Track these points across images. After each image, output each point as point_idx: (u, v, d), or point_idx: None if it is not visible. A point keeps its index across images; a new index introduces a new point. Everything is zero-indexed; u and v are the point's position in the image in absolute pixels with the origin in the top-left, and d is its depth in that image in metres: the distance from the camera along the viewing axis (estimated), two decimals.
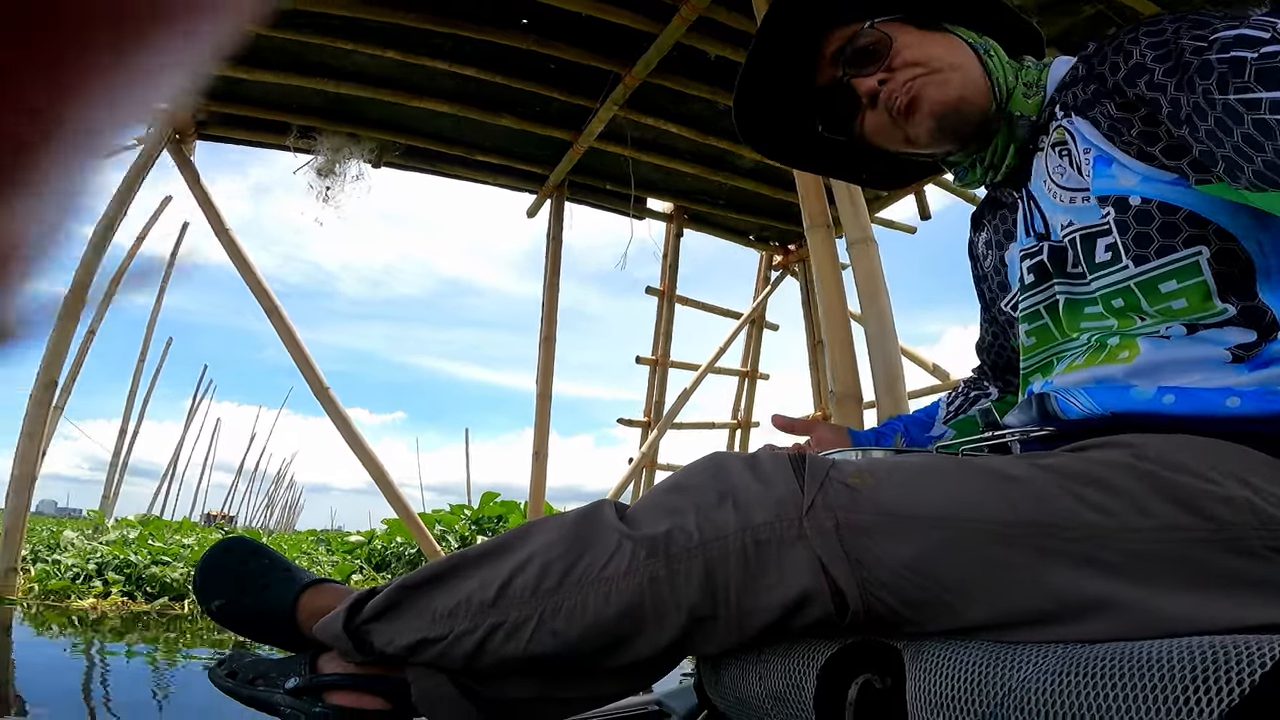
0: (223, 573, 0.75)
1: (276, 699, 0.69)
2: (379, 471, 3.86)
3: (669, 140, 3.70)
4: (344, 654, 0.68)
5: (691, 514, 0.57)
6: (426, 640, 0.62)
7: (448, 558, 0.66)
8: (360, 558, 5.81)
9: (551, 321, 4.08)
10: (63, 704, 1.84)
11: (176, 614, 3.78)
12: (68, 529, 5.52)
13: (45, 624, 3.16)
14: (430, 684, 0.64)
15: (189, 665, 2.59)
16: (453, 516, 6.35)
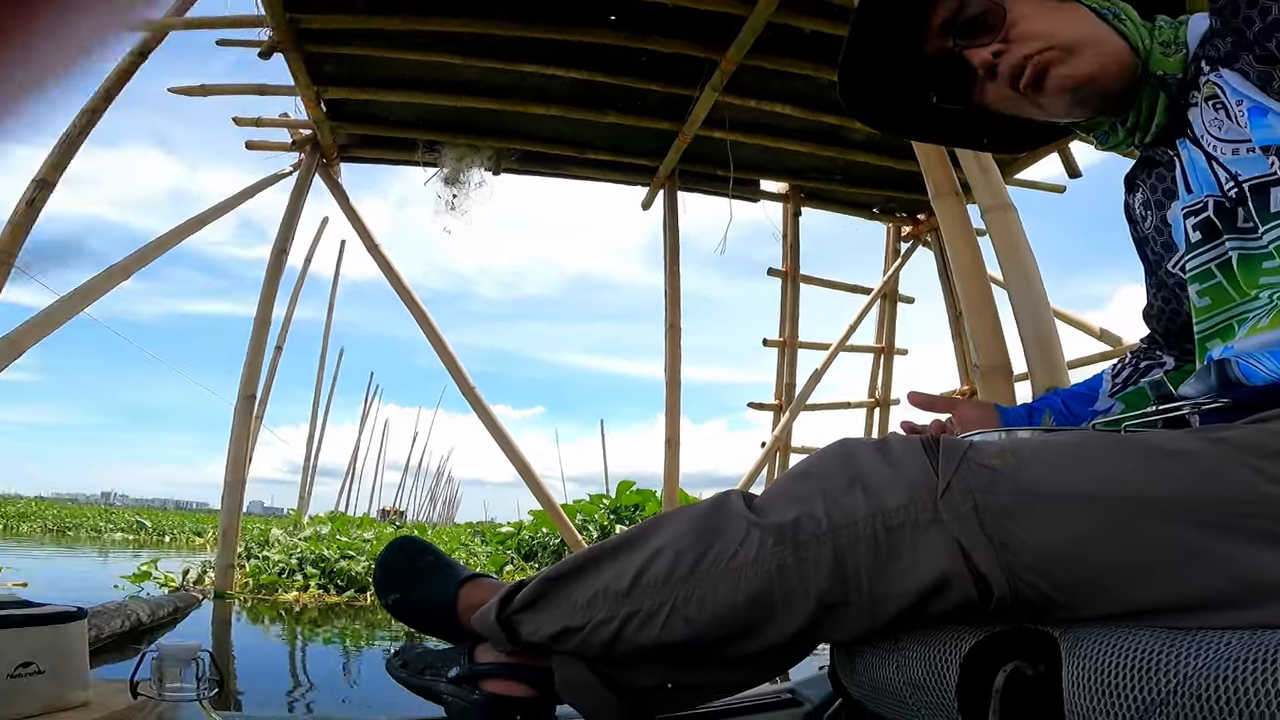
0: (396, 570, 0.83)
1: (440, 688, 0.77)
2: (523, 465, 4.12)
3: (775, 120, 3.63)
4: (496, 644, 0.73)
5: (819, 501, 0.57)
6: (568, 629, 0.66)
7: (587, 550, 0.70)
8: (511, 548, 6.21)
9: (675, 309, 4.12)
10: (274, 689, 2.13)
11: (361, 605, 4.25)
12: (275, 527, 6.37)
13: (259, 616, 3.64)
14: (571, 671, 0.69)
15: (373, 653, 2.91)
16: (592, 506, 6.61)
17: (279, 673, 2.39)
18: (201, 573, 4.32)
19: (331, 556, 4.67)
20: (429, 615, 0.82)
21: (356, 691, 2.24)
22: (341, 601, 4.28)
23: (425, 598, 0.81)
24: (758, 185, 4.31)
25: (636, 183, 4.17)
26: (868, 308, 4.72)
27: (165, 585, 3.98)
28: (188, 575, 4.28)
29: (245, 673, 2.26)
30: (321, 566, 4.58)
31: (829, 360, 4.57)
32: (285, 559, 4.60)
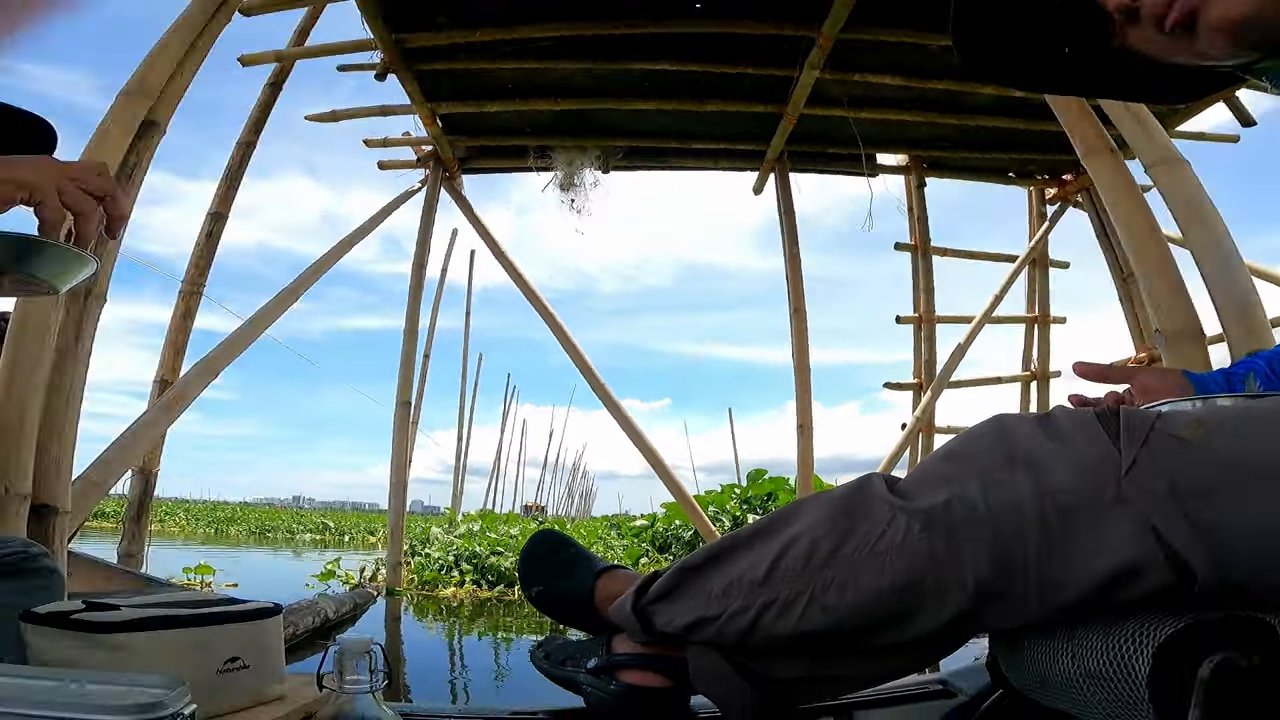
0: (538, 563, 0.86)
1: (580, 678, 0.78)
2: (655, 457, 4.19)
3: (885, 92, 3.47)
4: (633, 634, 0.74)
5: (974, 482, 0.53)
6: (703, 619, 0.65)
7: (721, 539, 0.69)
8: (645, 541, 6.34)
9: (798, 293, 4.02)
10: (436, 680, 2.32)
11: (510, 600, 4.51)
12: (434, 525, 6.91)
13: (423, 611, 3.96)
14: (706, 661, 0.68)
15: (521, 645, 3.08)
16: (724, 496, 6.58)
17: (440, 665, 2.58)
18: (375, 570, 4.77)
19: (482, 553, 4.99)
20: (569, 607, 0.84)
21: (506, 683, 2.39)
22: (493, 596, 4.56)
23: (565, 590, 0.83)
24: (874, 160, 4.11)
25: (745, 168, 4.10)
26: (1014, 275, 4.34)
27: (346, 583, 4.43)
28: (364, 573, 4.75)
29: (413, 665, 2.46)
30: (474, 563, 4.90)
31: (973, 334, 4.26)
32: (444, 555, 4.97)
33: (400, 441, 4.23)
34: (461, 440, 12.13)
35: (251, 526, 14.40)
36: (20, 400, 1.49)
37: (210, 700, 0.65)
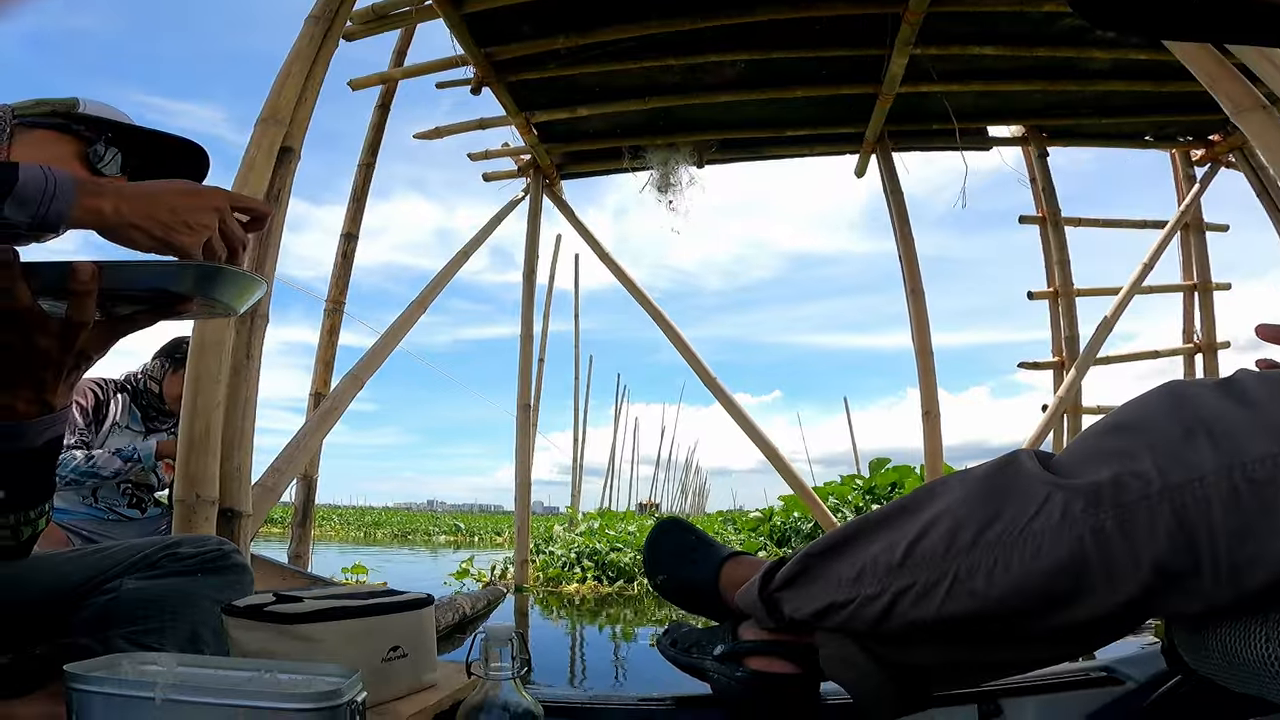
0: (662, 550, 0.88)
1: (706, 665, 0.79)
2: (770, 450, 4.13)
3: (988, 63, 3.25)
4: (759, 621, 0.74)
5: (1145, 455, 0.50)
6: (832, 605, 0.64)
7: (849, 524, 0.67)
8: (763, 534, 6.24)
9: (914, 274, 3.83)
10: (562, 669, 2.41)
11: (630, 595, 4.60)
12: (556, 524, 7.19)
13: (549, 606, 4.11)
14: (836, 648, 0.67)
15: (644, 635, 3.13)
16: (844, 487, 6.37)
17: (567, 656, 2.69)
18: (504, 568, 5.04)
19: (602, 549, 5.13)
20: (694, 593, 0.84)
21: (631, 672, 2.44)
22: (613, 591, 4.68)
23: (690, 576, 0.84)
24: (985, 133, 3.85)
25: (844, 151, 3.97)
26: (1165, 242, 3.93)
27: (478, 580, 4.71)
28: (494, 571, 5.02)
29: (541, 657, 2.58)
30: (595, 559, 5.05)
31: (1121, 306, 3.88)
32: (566, 553, 5.16)
33: (523, 444, 4.42)
34: (577, 441, 12.50)
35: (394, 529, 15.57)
36: (205, 414, 1.67)
37: (377, 687, 0.70)
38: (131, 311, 0.67)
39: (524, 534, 4.51)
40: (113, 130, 0.81)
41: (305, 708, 0.52)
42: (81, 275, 0.60)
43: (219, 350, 1.71)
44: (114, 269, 0.61)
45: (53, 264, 0.61)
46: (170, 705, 0.50)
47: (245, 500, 1.80)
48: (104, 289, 0.61)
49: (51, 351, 0.65)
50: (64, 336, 0.64)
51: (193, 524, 1.64)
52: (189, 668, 0.57)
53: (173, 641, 0.74)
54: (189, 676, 0.54)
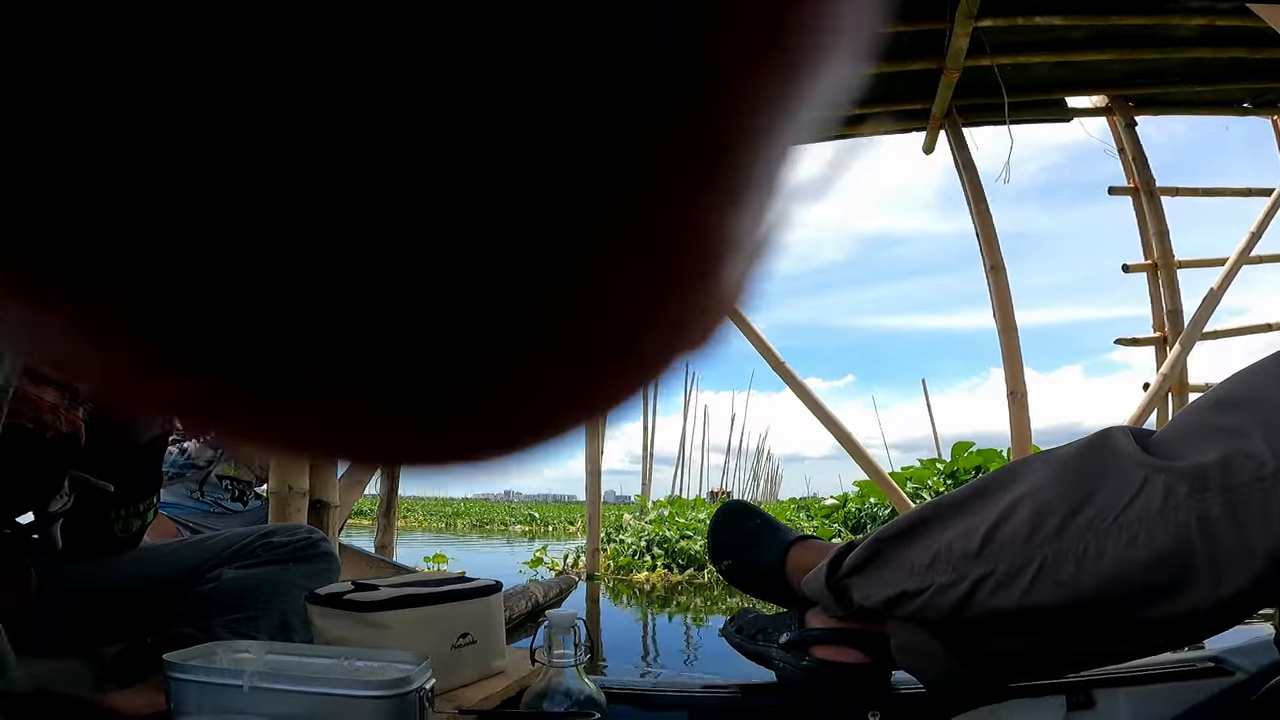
0: (727, 535, 0.86)
1: (771, 653, 0.77)
2: (844, 435, 4.04)
3: (1060, 34, 3.08)
4: (827, 608, 0.72)
5: (1257, 433, 0.46)
6: (905, 593, 0.62)
7: (922, 508, 0.65)
8: (837, 521, 6.11)
9: (993, 250, 3.64)
10: (631, 658, 2.44)
11: (700, 583, 4.60)
12: (625, 513, 7.28)
13: (619, 595, 4.18)
14: (909, 637, 0.64)
15: (713, 624, 3.14)
16: (925, 471, 6.15)
17: (635, 643, 2.73)
18: (576, 557, 5.15)
19: (672, 537, 5.16)
20: (759, 579, 0.83)
21: (698, 660, 2.46)
22: (683, 579, 4.70)
23: (755, 561, 0.82)
24: (1063, 104, 3.64)
25: (910, 128, 3.82)
26: (1273, 209, 3.62)
27: (551, 569, 4.83)
28: (566, 559, 5.14)
29: (610, 644, 2.62)
30: (665, 547, 5.09)
31: (1228, 277, 3.62)
32: (636, 541, 5.22)
33: (593, 434, 4.48)
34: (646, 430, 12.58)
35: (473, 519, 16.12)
36: None
37: (446, 674, 0.72)
38: None
39: (595, 523, 4.59)
40: None
41: (378, 695, 0.55)
42: None
43: None
44: None
45: None
46: (257, 692, 0.54)
47: (333, 492, 1.91)
48: None
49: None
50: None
51: (286, 514, 1.75)
52: (276, 655, 0.62)
53: (265, 629, 0.79)
54: (275, 664, 0.59)
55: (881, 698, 0.72)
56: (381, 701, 0.55)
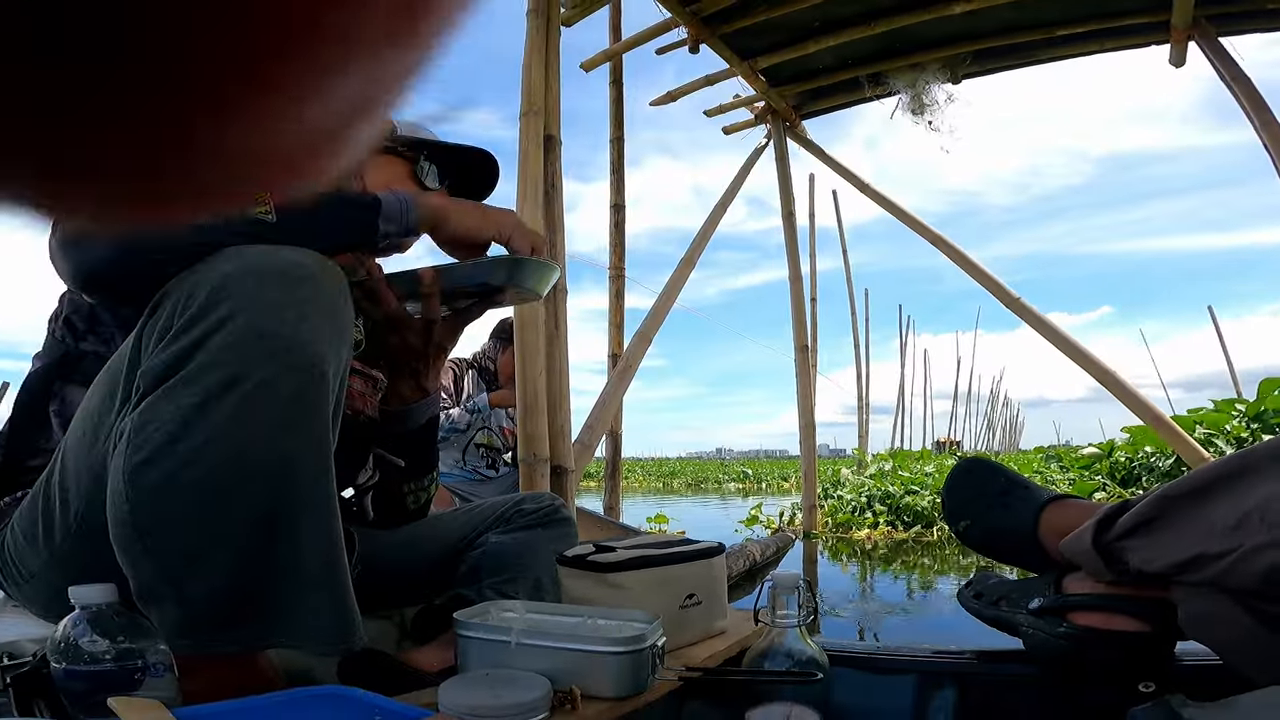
0: (966, 494, 0.81)
1: (1019, 619, 0.72)
2: (1106, 374, 3.51)
3: None
4: (1093, 573, 0.66)
5: None
6: (1203, 556, 0.55)
7: (1225, 460, 0.57)
8: (1100, 473, 5.31)
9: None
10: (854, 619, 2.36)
11: (929, 541, 4.31)
12: (843, 468, 7.04)
13: (838, 553, 4.06)
14: (1207, 605, 0.57)
15: (944, 586, 2.92)
16: (1220, 415, 5.09)
17: (855, 606, 2.64)
18: (792, 514, 5.11)
19: (896, 493, 4.89)
20: (1005, 542, 0.77)
21: (927, 624, 2.30)
22: (909, 537, 4.44)
23: (1001, 523, 0.77)
24: None
25: (1144, 43, 3.13)
26: None
27: (767, 527, 4.85)
28: (782, 517, 5.13)
29: (829, 604, 2.56)
30: (888, 503, 4.84)
31: None
32: (856, 497, 5.03)
33: (803, 386, 4.42)
34: (861, 379, 11.93)
35: (688, 479, 16.76)
36: (533, 382, 1.98)
37: (674, 633, 0.76)
38: (466, 305, 0.85)
39: (810, 478, 4.51)
40: (426, 148, 0.97)
41: (618, 650, 0.61)
42: (426, 277, 0.79)
43: (535, 325, 2.02)
44: (447, 271, 0.79)
45: (403, 273, 0.81)
46: (521, 648, 0.63)
47: (569, 457, 2.11)
48: (443, 289, 0.79)
49: (418, 346, 0.85)
50: (425, 332, 0.84)
51: (533, 481, 1.97)
52: (534, 614, 0.72)
53: (524, 590, 0.90)
54: (534, 623, 0.68)
55: (1160, 669, 0.64)
56: (621, 657, 0.61)
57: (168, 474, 0.54)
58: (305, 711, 0.53)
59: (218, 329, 0.55)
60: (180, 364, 0.55)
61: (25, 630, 0.68)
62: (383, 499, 0.94)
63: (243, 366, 0.55)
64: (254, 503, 0.56)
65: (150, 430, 0.55)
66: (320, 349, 0.58)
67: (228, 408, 0.54)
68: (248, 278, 0.56)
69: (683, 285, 3.55)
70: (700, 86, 4.00)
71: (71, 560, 0.64)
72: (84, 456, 0.63)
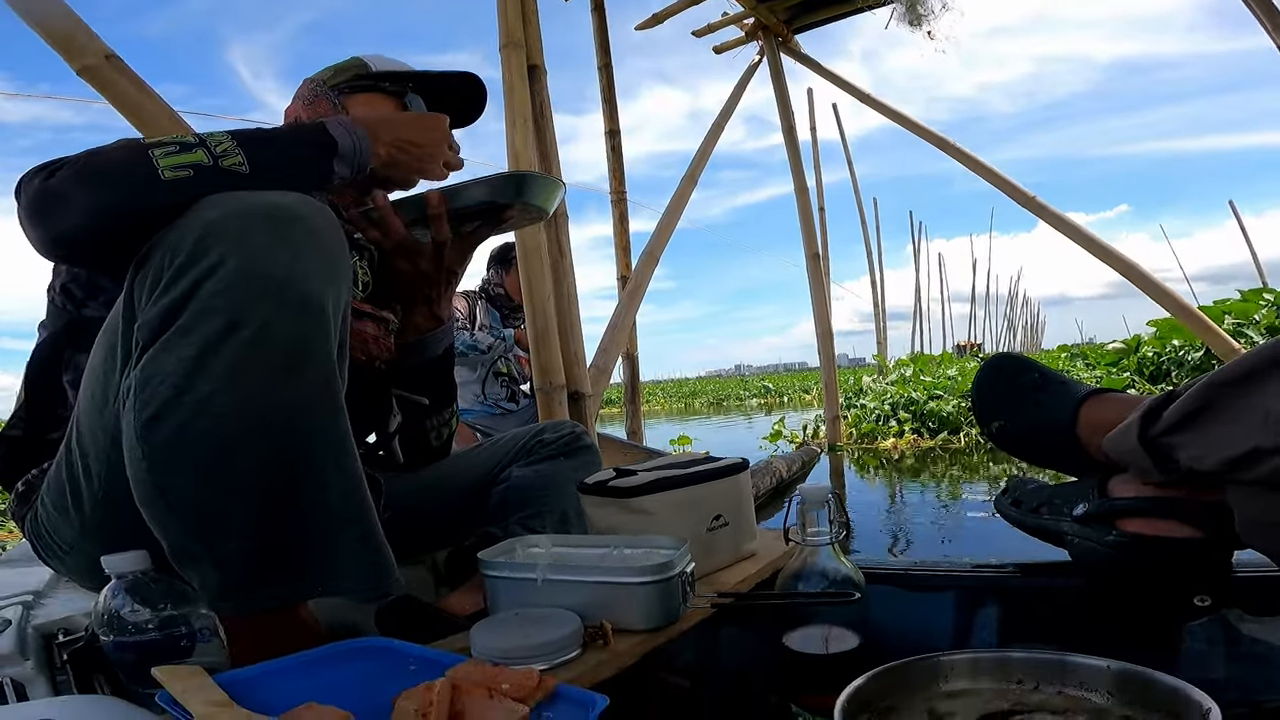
0: (997, 392, 0.75)
1: (1062, 527, 0.68)
2: (1128, 268, 3.44)
3: None
4: (1140, 473, 0.61)
5: None
6: (1258, 451, 0.50)
7: (1275, 343, 0.51)
8: (1129, 369, 5.23)
9: None
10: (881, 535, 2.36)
11: (956, 448, 4.30)
12: (865, 376, 6.99)
13: (864, 466, 4.05)
14: (1264, 507, 0.52)
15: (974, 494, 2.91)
16: (1249, 304, 4.94)
17: (887, 518, 2.65)
18: (816, 427, 5.12)
19: (919, 399, 4.86)
20: (1042, 442, 0.72)
21: (961, 535, 2.30)
22: (935, 445, 4.43)
23: (1036, 421, 0.71)
24: None
25: None
26: None
27: (792, 442, 4.87)
28: (806, 430, 5.14)
29: (859, 520, 2.55)
30: (912, 410, 4.81)
31: None
32: (879, 405, 5.01)
33: (818, 294, 4.38)
34: (876, 286, 11.78)
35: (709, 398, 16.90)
36: (542, 309, 1.95)
37: (703, 559, 0.74)
38: (473, 227, 0.84)
39: (832, 389, 4.50)
40: (410, 80, 0.93)
41: (646, 580, 0.59)
42: (433, 200, 0.77)
43: (539, 252, 1.97)
44: (452, 192, 0.78)
45: (410, 197, 0.80)
46: (548, 584, 0.62)
47: (585, 382, 2.09)
48: (450, 210, 0.78)
49: (430, 272, 0.84)
50: (435, 257, 0.83)
51: (551, 409, 1.96)
52: (560, 548, 0.70)
53: (550, 522, 0.90)
54: (560, 556, 0.67)
55: (1217, 580, 0.60)
56: (649, 587, 0.60)
57: (179, 426, 0.54)
58: (343, 665, 0.53)
59: (209, 275, 0.54)
60: (175, 314, 0.54)
61: (80, 605, 0.69)
62: (406, 439, 0.93)
63: (239, 311, 0.53)
64: (269, 446, 0.55)
65: (155, 384, 0.54)
66: (316, 285, 0.56)
67: (229, 354, 0.53)
68: (233, 221, 0.55)
69: (685, 203, 3.48)
70: (686, 6, 3.85)
71: (104, 528, 0.64)
72: (97, 419, 0.62)
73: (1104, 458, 0.64)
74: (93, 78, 1.44)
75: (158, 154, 0.60)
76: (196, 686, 0.44)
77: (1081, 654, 0.48)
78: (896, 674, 0.50)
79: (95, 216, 0.59)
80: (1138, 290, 3.51)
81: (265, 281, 0.54)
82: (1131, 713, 0.45)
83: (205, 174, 0.60)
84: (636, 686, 0.61)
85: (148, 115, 1.45)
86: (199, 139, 0.62)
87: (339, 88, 0.91)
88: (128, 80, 1.45)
